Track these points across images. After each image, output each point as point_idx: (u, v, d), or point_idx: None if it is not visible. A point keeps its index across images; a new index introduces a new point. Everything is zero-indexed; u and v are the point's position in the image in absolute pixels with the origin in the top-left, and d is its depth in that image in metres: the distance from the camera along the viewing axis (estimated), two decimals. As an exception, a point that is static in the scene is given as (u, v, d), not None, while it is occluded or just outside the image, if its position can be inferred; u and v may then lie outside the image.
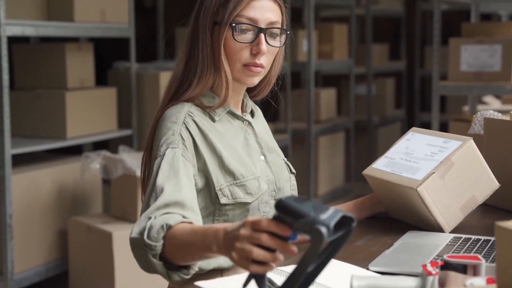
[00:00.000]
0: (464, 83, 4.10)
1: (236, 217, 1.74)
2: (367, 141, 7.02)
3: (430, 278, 1.31)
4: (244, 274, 1.54)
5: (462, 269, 1.38)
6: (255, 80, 1.77)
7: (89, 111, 4.13)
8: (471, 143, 1.90)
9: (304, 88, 5.92)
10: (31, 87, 4.13)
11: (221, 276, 1.74)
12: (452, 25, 7.18)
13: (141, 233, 1.50)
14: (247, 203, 1.73)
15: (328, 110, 6.27)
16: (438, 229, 1.87)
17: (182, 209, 1.57)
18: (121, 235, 3.53)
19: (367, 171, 2.03)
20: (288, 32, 1.79)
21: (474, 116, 2.18)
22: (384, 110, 7.23)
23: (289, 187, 1.88)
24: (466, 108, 5.17)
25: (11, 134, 3.50)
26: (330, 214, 1.17)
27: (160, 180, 1.61)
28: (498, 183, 1.93)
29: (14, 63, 4.20)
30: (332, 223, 1.15)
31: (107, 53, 6.16)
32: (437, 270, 1.34)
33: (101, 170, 3.70)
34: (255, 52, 1.72)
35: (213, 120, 1.77)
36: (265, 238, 1.23)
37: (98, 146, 4.71)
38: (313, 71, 5.62)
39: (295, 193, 1.91)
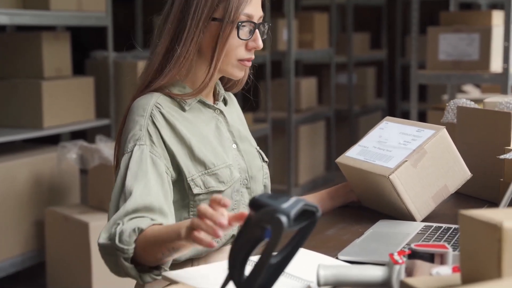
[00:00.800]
0: (442, 72, 4.10)
1: None
2: (348, 130, 7.02)
3: (397, 267, 1.31)
4: (214, 264, 1.54)
5: (429, 258, 1.37)
6: (243, 73, 1.79)
7: (66, 101, 4.10)
8: (444, 132, 1.89)
9: (285, 77, 5.91)
10: (7, 76, 4.09)
11: (191, 265, 1.73)
12: (433, 14, 7.18)
13: (111, 238, 1.52)
14: (220, 192, 1.72)
15: (308, 99, 6.26)
16: (410, 217, 1.87)
17: (151, 213, 1.57)
18: (98, 226, 3.51)
19: (340, 159, 2.03)
20: (269, 24, 1.82)
21: (447, 104, 2.18)
22: (365, 99, 7.23)
23: (261, 175, 1.87)
24: (445, 97, 5.18)
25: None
26: (291, 204, 1.16)
27: (129, 181, 1.61)
28: (470, 173, 1.92)
29: (-10, 52, 4.17)
30: (292, 212, 1.15)
31: (89, 42, 6.12)
32: (404, 259, 1.33)
33: (78, 160, 3.68)
34: (251, 47, 1.74)
35: (183, 110, 1.75)
36: (203, 208, 1.32)
37: (77, 136, 4.68)
38: (293, 60, 5.60)
39: (267, 181, 1.91)
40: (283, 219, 1.14)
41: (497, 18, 4.11)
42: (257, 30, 1.73)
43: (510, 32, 3.85)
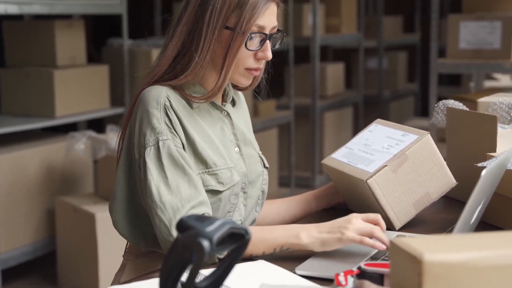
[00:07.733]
0: (463, 60, 3.98)
1: None
2: (377, 116, 6.89)
3: (339, 289, 1.25)
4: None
5: (379, 278, 1.31)
6: (250, 82, 1.78)
7: (80, 89, 4.08)
8: (427, 138, 1.82)
9: (311, 63, 5.82)
10: (20, 64, 4.09)
11: None
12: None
13: None
14: (219, 192, 1.72)
15: (335, 85, 6.15)
16: (389, 224, 1.80)
17: (205, 206, 1.64)
18: (104, 217, 3.50)
19: (325, 161, 1.99)
20: (284, 34, 1.79)
21: (436, 105, 2.10)
22: (395, 84, 7.09)
23: (261, 181, 1.87)
24: (472, 85, 5.04)
25: (1, 112, 3.46)
26: (216, 227, 1.12)
27: (173, 180, 1.62)
28: (455, 181, 1.85)
29: (5, 40, 4.16)
30: (216, 236, 1.10)
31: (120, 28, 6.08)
32: (350, 280, 1.27)
33: (86, 150, 3.66)
34: (260, 57, 1.72)
35: (191, 107, 1.73)
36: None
37: (93, 124, 4.67)
38: (318, 46, 5.51)
39: (266, 187, 1.90)
40: (205, 243, 1.10)
41: (522, 4, 3.96)
42: (267, 41, 1.71)
43: (533, 20, 3.70)
